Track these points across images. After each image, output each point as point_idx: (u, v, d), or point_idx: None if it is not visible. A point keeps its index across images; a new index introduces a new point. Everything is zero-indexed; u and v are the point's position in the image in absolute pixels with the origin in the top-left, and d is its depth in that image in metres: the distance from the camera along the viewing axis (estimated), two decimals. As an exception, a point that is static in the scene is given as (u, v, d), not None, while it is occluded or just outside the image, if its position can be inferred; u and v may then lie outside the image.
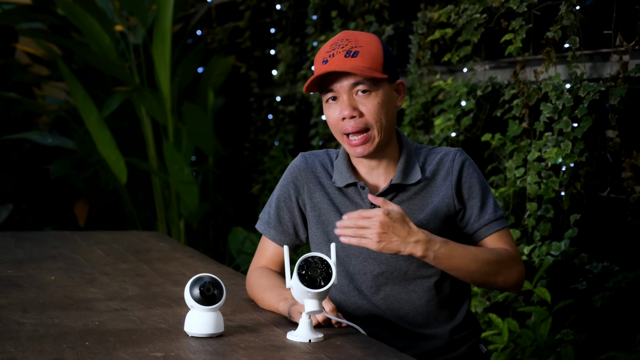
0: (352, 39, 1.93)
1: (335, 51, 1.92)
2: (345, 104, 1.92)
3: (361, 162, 2.02)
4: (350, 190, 2.02)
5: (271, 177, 4.86)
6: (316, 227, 2.05)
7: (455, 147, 2.04)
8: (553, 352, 2.80)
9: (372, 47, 1.92)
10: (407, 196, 2.00)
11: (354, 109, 1.92)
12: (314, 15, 4.64)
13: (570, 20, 2.82)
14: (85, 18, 4.66)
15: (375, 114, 1.92)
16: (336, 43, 1.94)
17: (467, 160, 2.01)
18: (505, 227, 2.01)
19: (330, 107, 1.96)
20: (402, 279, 1.99)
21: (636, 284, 2.65)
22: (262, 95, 5.43)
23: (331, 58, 1.91)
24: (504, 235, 2.00)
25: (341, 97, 1.93)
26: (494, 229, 1.99)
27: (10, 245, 2.84)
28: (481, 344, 2.10)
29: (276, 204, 2.10)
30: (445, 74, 3.60)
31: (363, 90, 1.92)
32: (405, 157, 2.00)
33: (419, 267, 1.98)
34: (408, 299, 1.99)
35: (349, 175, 2.00)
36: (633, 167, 2.62)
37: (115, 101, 4.84)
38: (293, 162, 2.11)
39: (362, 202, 2.00)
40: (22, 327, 1.72)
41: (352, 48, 1.91)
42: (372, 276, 2.00)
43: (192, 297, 1.70)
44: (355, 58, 1.90)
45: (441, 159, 2.01)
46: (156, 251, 2.89)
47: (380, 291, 1.99)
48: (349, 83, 1.91)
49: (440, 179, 1.99)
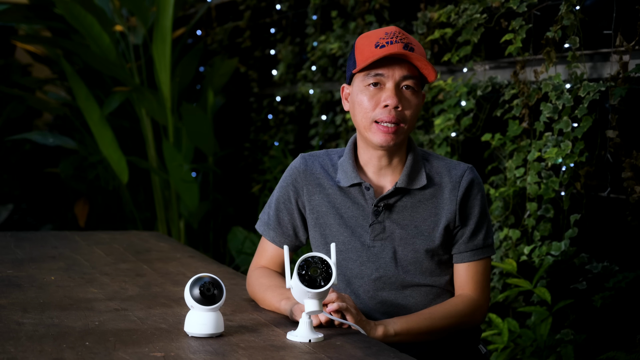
0: (406, 35, 1.95)
1: (393, 40, 1.92)
2: (393, 92, 1.92)
3: (371, 161, 2.02)
4: (354, 190, 2.01)
5: (271, 177, 4.86)
6: (315, 230, 2.05)
7: (466, 164, 2.04)
8: (553, 352, 2.80)
9: (422, 50, 1.96)
10: (412, 202, 1.99)
11: (400, 100, 1.93)
12: (314, 15, 4.64)
13: (570, 20, 2.82)
14: (85, 18, 4.66)
15: (414, 113, 1.95)
16: (392, 33, 1.94)
17: (476, 180, 2.02)
18: (487, 258, 2.03)
19: (368, 92, 1.95)
20: (400, 285, 1.99)
21: (636, 284, 2.65)
22: (262, 95, 5.44)
23: (389, 45, 1.91)
24: (480, 269, 2.02)
25: (387, 85, 1.93)
26: (477, 257, 2.01)
27: (10, 245, 2.84)
28: (480, 345, 2.10)
29: (275, 205, 2.10)
30: (445, 74, 3.60)
31: (410, 86, 1.94)
32: (412, 161, 2.00)
33: (416, 275, 1.99)
34: (405, 304, 1.99)
35: (354, 175, 2.00)
36: (633, 167, 2.62)
37: (115, 101, 4.84)
38: (292, 164, 2.10)
39: (365, 203, 2.00)
40: (22, 327, 1.72)
41: (409, 44, 1.93)
42: (369, 280, 2.00)
43: (192, 297, 1.70)
44: (413, 52, 1.91)
45: (450, 172, 2.01)
46: (156, 251, 2.88)
47: (377, 296, 1.99)
48: (402, 74, 1.93)
49: (447, 193, 1.99)
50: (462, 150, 3.40)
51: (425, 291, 1.99)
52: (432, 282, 1.99)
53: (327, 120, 4.51)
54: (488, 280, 2.04)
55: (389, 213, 1.99)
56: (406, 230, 1.98)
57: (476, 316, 2.01)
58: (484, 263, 2.02)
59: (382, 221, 1.99)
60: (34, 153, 6.03)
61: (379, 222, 1.99)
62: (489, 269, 2.05)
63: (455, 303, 1.98)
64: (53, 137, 5.20)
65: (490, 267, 2.07)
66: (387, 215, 1.99)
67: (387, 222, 1.98)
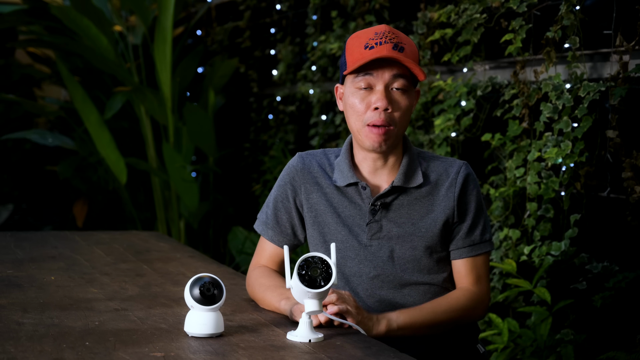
0: (396, 34, 1.94)
1: (382, 40, 1.92)
2: (383, 95, 1.92)
3: (366, 161, 2.02)
4: (351, 189, 2.01)
5: (271, 177, 4.86)
6: (312, 228, 2.05)
7: (460, 160, 2.05)
8: (553, 352, 2.80)
9: (413, 48, 1.95)
10: (408, 200, 2.00)
11: (390, 102, 1.92)
12: (314, 15, 4.64)
13: (570, 20, 2.82)
14: (82, 21, 4.66)
15: (405, 114, 1.95)
16: (382, 33, 1.94)
17: (471, 175, 2.02)
18: (486, 253, 2.03)
19: (358, 94, 1.95)
20: (398, 283, 1.99)
21: (636, 284, 2.65)
22: (262, 95, 5.43)
23: (378, 46, 1.91)
24: (479, 264, 2.02)
25: (377, 87, 1.93)
26: (475, 252, 2.01)
27: (10, 245, 2.84)
28: (479, 344, 2.10)
29: (274, 204, 2.10)
30: (445, 74, 3.60)
31: (401, 87, 1.93)
32: (408, 160, 2.01)
33: (414, 273, 1.99)
34: (403, 303, 1.99)
35: (350, 175, 2.00)
36: (633, 167, 2.62)
37: (117, 102, 4.83)
38: (290, 163, 2.10)
39: (361, 202, 2.00)
40: (22, 327, 1.72)
41: (399, 43, 1.92)
42: (367, 278, 2.00)
43: (192, 297, 1.70)
44: (402, 53, 1.91)
45: (446, 169, 2.01)
46: (156, 251, 2.88)
47: (376, 294, 2.00)
48: (391, 75, 1.92)
49: (444, 189, 2.00)
50: (462, 150, 3.40)
51: (423, 290, 2.00)
52: (430, 280, 2.00)
53: (327, 120, 4.51)
54: (488, 275, 2.04)
55: (386, 212, 1.99)
56: (403, 228, 1.98)
57: (478, 309, 2.01)
58: (482, 258, 2.02)
59: (379, 220, 1.99)
60: (34, 153, 6.03)
61: (376, 221, 1.99)
62: (488, 264, 2.05)
63: (457, 296, 1.98)
64: (52, 136, 5.20)
65: (489, 262, 2.07)
66: (383, 214, 1.99)
67: (383, 220, 1.99)
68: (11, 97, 5.28)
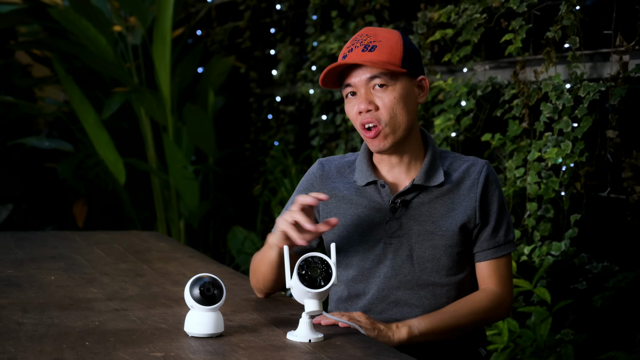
0: (372, 34, 1.95)
1: (354, 46, 1.94)
2: (362, 97, 1.93)
3: (382, 160, 2.03)
4: (370, 188, 2.02)
5: (272, 178, 4.86)
6: (329, 232, 2.04)
7: (482, 159, 2.04)
8: (553, 352, 2.80)
9: (391, 42, 1.94)
10: (429, 198, 1.99)
11: (370, 102, 1.93)
12: (314, 15, 4.64)
13: (570, 20, 2.82)
14: (80, 22, 4.66)
15: (391, 108, 1.93)
16: (357, 39, 1.96)
17: (493, 175, 2.02)
18: (508, 254, 2.03)
19: (349, 102, 1.98)
20: (415, 283, 1.98)
21: (636, 284, 2.65)
22: (262, 95, 5.44)
23: (350, 53, 1.94)
24: (502, 265, 2.02)
25: (360, 91, 1.94)
26: (499, 253, 2.00)
27: (10, 245, 2.84)
28: (480, 347, 2.10)
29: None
30: (445, 74, 3.60)
31: (380, 84, 1.93)
32: (430, 159, 2.00)
33: (432, 273, 1.98)
34: (419, 305, 1.97)
35: (369, 174, 2.01)
36: (633, 167, 2.62)
37: (115, 102, 4.83)
38: (310, 169, 2.13)
39: (381, 200, 2.00)
40: (22, 327, 1.72)
41: (371, 42, 1.93)
42: (384, 278, 1.99)
43: (192, 297, 1.70)
44: (372, 52, 1.91)
45: (468, 169, 2.01)
46: (156, 251, 2.88)
47: (392, 295, 1.99)
48: (366, 77, 1.93)
49: (465, 189, 1.99)
50: (462, 150, 3.40)
51: (440, 292, 1.98)
52: (448, 281, 1.98)
53: (327, 120, 4.51)
54: (511, 275, 2.04)
55: (406, 210, 1.98)
56: (423, 227, 1.97)
57: (500, 311, 2.00)
58: (506, 259, 2.02)
59: (399, 217, 1.98)
60: (34, 153, 6.03)
61: (396, 219, 1.98)
62: (511, 264, 2.05)
63: (479, 298, 1.98)
64: (49, 140, 5.22)
65: (512, 261, 2.07)
66: (403, 212, 1.98)
67: (403, 218, 1.98)
68: (9, 99, 5.28)
